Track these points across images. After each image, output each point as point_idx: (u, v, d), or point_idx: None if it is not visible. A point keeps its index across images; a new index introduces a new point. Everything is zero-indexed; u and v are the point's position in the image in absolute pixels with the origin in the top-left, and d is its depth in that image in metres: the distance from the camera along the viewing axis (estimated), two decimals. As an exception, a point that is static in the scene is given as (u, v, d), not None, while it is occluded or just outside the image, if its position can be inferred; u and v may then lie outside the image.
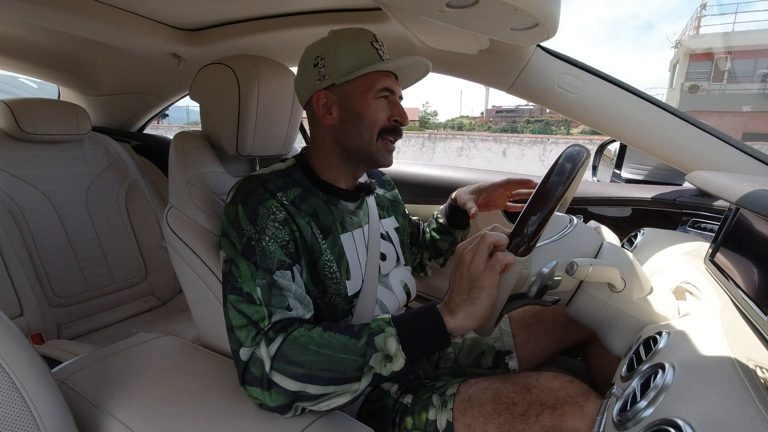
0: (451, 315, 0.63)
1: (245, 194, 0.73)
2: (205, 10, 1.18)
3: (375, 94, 0.78)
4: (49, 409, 0.56)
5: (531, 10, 0.59)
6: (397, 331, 0.63)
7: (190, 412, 0.65)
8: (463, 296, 0.63)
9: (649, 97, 1.08)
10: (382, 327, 0.64)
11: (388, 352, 0.62)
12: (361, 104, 0.78)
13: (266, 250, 0.69)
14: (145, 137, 1.96)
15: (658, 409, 0.48)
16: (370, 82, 0.78)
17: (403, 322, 0.64)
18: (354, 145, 0.81)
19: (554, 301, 0.71)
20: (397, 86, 0.82)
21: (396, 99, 0.82)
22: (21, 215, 1.38)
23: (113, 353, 0.80)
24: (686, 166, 1.09)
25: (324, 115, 0.81)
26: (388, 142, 0.81)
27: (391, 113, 0.80)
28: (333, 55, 0.78)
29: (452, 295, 0.65)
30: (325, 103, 0.80)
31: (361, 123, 0.79)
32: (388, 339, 0.62)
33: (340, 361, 0.62)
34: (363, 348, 0.62)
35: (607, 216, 1.29)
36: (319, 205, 0.80)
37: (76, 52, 1.58)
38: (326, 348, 0.62)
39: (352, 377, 0.62)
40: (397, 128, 0.82)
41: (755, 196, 0.69)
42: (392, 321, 0.64)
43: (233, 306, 0.66)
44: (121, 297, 1.60)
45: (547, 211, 0.60)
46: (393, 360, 0.62)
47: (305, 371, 0.61)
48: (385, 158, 0.83)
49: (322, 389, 0.61)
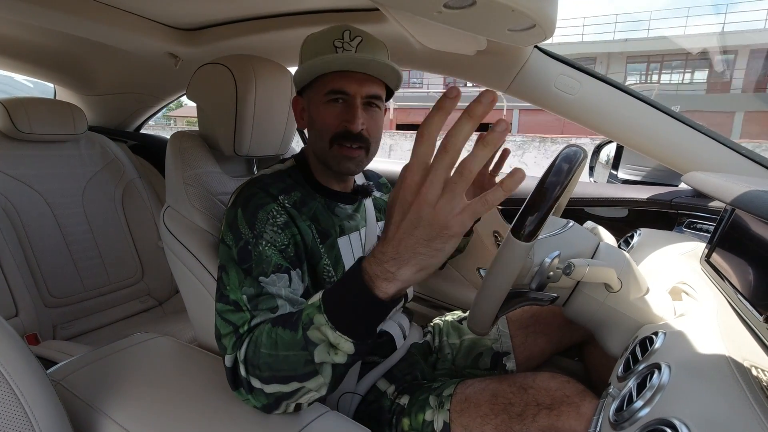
0: (388, 281, 0.47)
1: (246, 198, 0.73)
2: (202, 10, 1.18)
3: (324, 98, 0.74)
4: (45, 410, 0.55)
5: (528, 11, 0.60)
6: (327, 317, 0.51)
7: (186, 413, 0.65)
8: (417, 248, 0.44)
9: (645, 98, 1.08)
10: (312, 315, 0.53)
11: (329, 341, 0.52)
12: (314, 109, 0.77)
13: (263, 255, 0.68)
14: (141, 137, 1.96)
15: (654, 409, 0.48)
16: (323, 86, 0.75)
17: (332, 303, 0.52)
18: (316, 152, 0.80)
19: (552, 300, 0.71)
20: (358, 86, 0.73)
21: (353, 101, 0.74)
22: (16, 215, 1.37)
23: (109, 354, 0.79)
24: (682, 167, 1.09)
25: (300, 120, 0.82)
26: (345, 148, 0.75)
27: (343, 117, 0.74)
28: (301, 59, 0.78)
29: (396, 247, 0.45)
30: (301, 109, 0.82)
31: (315, 128, 0.78)
32: (322, 328, 0.52)
33: (286, 360, 0.55)
34: (301, 341, 0.54)
35: (604, 217, 1.29)
36: (318, 209, 0.79)
37: (72, 52, 1.57)
38: (273, 347, 0.57)
39: (307, 372, 0.55)
40: (351, 134, 0.74)
41: (750, 196, 0.69)
42: (322, 305, 0.53)
43: (220, 315, 0.66)
44: (118, 297, 1.60)
45: (545, 211, 0.60)
46: (338, 347, 0.52)
47: (267, 373, 0.57)
48: (341, 166, 0.76)
49: (288, 387, 0.57)
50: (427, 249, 0.44)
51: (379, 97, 0.77)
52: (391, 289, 0.48)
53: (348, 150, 0.75)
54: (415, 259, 0.45)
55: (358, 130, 0.74)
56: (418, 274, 0.47)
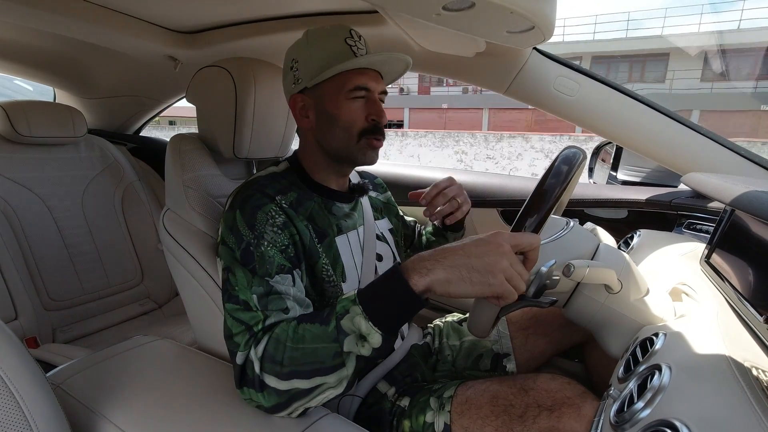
0: (421, 275, 0.56)
1: (243, 200, 0.73)
2: (201, 13, 1.18)
3: (348, 94, 0.76)
4: (44, 414, 0.55)
5: (527, 13, 0.60)
6: (362, 308, 0.57)
7: (186, 416, 0.64)
8: (460, 266, 0.55)
9: (645, 99, 1.09)
10: (347, 307, 0.59)
11: (360, 332, 0.57)
12: (334, 106, 0.77)
13: (265, 255, 0.68)
14: (141, 140, 1.96)
15: (655, 410, 0.48)
16: (341, 83, 0.76)
17: (367, 296, 0.59)
18: (333, 147, 0.80)
19: (551, 303, 0.71)
20: (376, 83, 0.79)
21: (373, 96, 0.79)
22: (16, 218, 1.37)
23: (109, 357, 0.79)
24: (681, 168, 1.09)
25: (302, 118, 0.81)
26: (372, 140, 0.79)
27: (368, 112, 0.78)
28: (305, 57, 0.78)
29: (446, 254, 0.57)
30: (302, 106, 0.80)
31: (337, 125, 0.78)
32: (356, 318, 0.57)
33: (315, 352, 0.58)
34: (334, 333, 0.58)
35: (604, 218, 1.29)
36: (314, 209, 0.80)
37: (72, 55, 1.57)
38: (300, 341, 0.59)
39: (333, 365, 0.58)
40: (377, 127, 0.79)
41: (749, 197, 0.70)
42: (357, 298, 0.59)
43: (230, 315, 0.66)
44: (117, 300, 1.59)
45: (544, 213, 0.61)
46: (368, 338, 0.57)
47: (288, 368, 0.59)
48: (368, 156, 0.80)
49: (309, 383, 0.59)
50: (466, 273, 0.55)
51: (385, 93, 0.83)
52: (421, 283, 0.55)
53: (375, 142, 0.80)
54: (452, 270, 0.55)
55: (385, 122, 0.80)
56: (446, 284, 0.55)
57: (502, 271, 0.55)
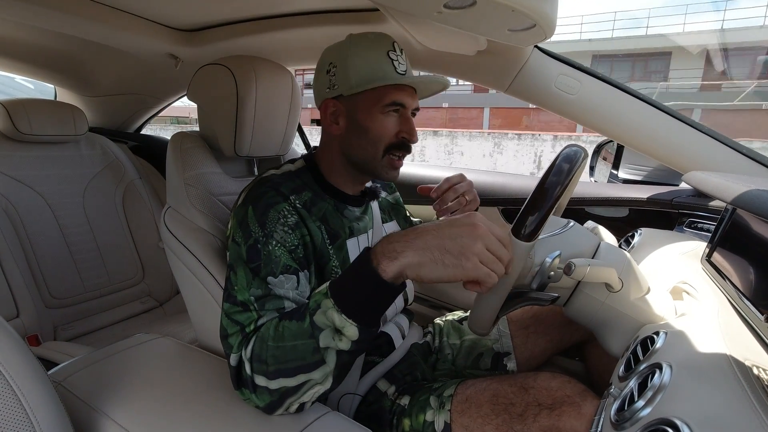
0: (390, 260, 0.53)
1: (256, 196, 0.72)
2: (202, 11, 1.18)
3: (383, 108, 0.75)
4: (46, 412, 0.55)
5: (528, 11, 0.60)
6: (334, 302, 0.55)
7: (187, 414, 0.65)
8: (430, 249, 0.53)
9: (646, 97, 1.08)
10: (319, 301, 0.57)
11: (335, 325, 0.56)
12: (367, 118, 0.76)
13: (272, 254, 0.68)
14: (142, 138, 1.96)
15: (656, 409, 0.48)
16: (379, 96, 0.75)
17: (338, 288, 0.57)
18: (358, 158, 0.79)
19: (553, 300, 0.71)
20: (411, 99, 0.78)
21: (407, 114, 0.78)
22: (17, 216, 1.38)
23: (110, 355, 0.79)
24: (683, 167, 1.09)
25: (331, 124, 0.79)
26: (394, 159, 0.78)
27: (400, 129, 0.77)
28: (344, 64, 0.75)
29: (418, 235, 0.54)
30: (333, 112, 0.78)
31: (366, 137, 0.77)
32: (328, 312, 0.56)
33: (294, 349, 0.58)
34: (309, 328, 0.57)
35: (605, 216, 1.29)
36: (328, 210, 0.79)
37: (72, 53, 1.57)
38: (280, 339, 0.59)
39: (314, 361, 0.57)
40: (405, 144, 0.78)
41: (751, 196, 0.69)
42: (329, 290, 0.57)
43: (227, 315, 0.66)
44: (118, 298, 1.60)
45: (545, 212, 0.60)
46: (344, 331, 0.55)
47: (273, 367, 0.59)
48: (389, 174, 0.80)
49: (294, 380, 0.58)
50: (438, 255, 0.52)
51: (418, 109, 0.82)
52: (390, 268, 0.53)
53: (396, 161, 0.79)
54: (423, 253, 0.53)
55: (417, 141, 0.80)
56: (417, 267, 0.53)
57: (477, 254, 0.52)
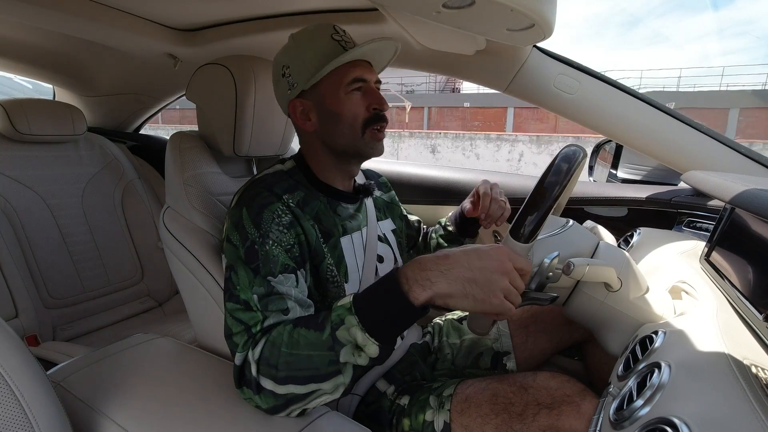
0: (423, 288, 0.55)
1: (250, 197, 0.72)
2: (201, 10, 1.17)
3: (346, 88, 0.76)
4: (45, 412, 0.55)
5: (527, 10, 0.60)
6: (359, 319, 0.56)
7: (187, 414, 0.65)
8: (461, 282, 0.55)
9: (645, 97, 1.08)
10: (343, 317, 0.57)
11: (357, 343, 0.56)
12: (335, 103, 0.77)
13: (269, 254, 0.68)
14: (141, 138, 1.96)
15: (655, 408, 0.48)
16: (338, 78, 0.76)
17: (364, 306, 0.57)
18: (341, 145, 0.79)
19: (552, 300, 0.71)
20: (370, 73, 0.79)
21: (370, 86, 0.79)
22: (16, 216, 1.37)
23: (109, 355, 0.79)
24: (681, 166, 1.09)
25: (304, 122, 0.80)
26: (375, 132, 0.79)
27: (369, 102, 0.77)
28: (296, 61, 0.77)
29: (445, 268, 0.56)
30: (302, 111, 0.79)
31: (341, 122, 0.77)
32: (352, 329, 0.56)
33: (310, 359, 0.58)
34: (328, 341, 0.57)
35: (604, 216, 1.29)
36: (320, 208, 0.79)
37: (71, 53, 1.57)
38: (295, 347, 0.58)
39: (329, 372, 0.58)
40: (379, 115, 0.78)
41: (749, 195, 0.69)
42: (353, 307, 0.57)
43: (230, 314, 0.66)
44: (117, 298, 1.59)
45: (544, 211, 0.60)
46: (364, 349, 0.56)
47: (283, 373, 0.58)
48: (375, 149, 0.80)
49: (304, 388, 0.58)
50: (469, 288, 0.55)
51: (380, 81, 0.83)
52: (422, 296, 0.55)
53: (378, 133, 0.79)
54: (455, 284, 0.55)
55: (388, 108, 0.79)
56: (447, 297, 0.55)
57: (503, 290, 0.55)
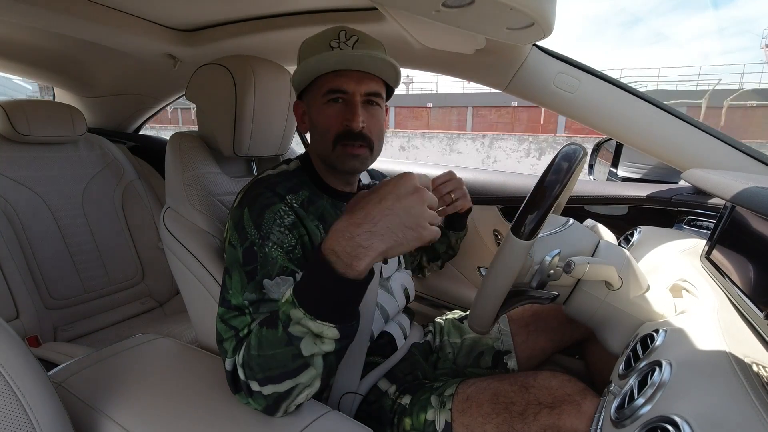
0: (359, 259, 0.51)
1: (252, 198, 0.72)
2: (200, 11, 1.17)
3: (323, 98, 0.74)
4: (46, 412, 0.55)
5: (527, 9, 0.60)
6: (305, 311, 0.53)
7: (188, 414, 0.65)
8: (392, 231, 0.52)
9: (645, 95, 1.08)
10: (288, 312, 0.55)
11: (312, 332, 0.54)
12: (314, 112, 0.77)
13: (268, 257, 0.67)
14: (141, 138, 1.96)
15: (656, 407, 0.48)
16: (319, 87, 0.74)
17: (307, 297, 0.54)
18: (319, 154, 0.80)
19: (553, 298, 0.71)
20: (356, 83, 0.73)
21: (354, 99, 0.73)
22: (16, 217, 1.37)
23: (110, 355, 0.79)
24: (682, 164, 1.09)
25: (301, 124, 0.82)
26: (348, 147, 0.74)
27: (344, 117, 0.73)
28: (299, 63, 0.77)
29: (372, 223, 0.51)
30: (302, 112, 0.81)
31: (317, 131, 0.77)
32: (302, 321, 0.54)
33: (274, 358, 0.56)
34: (284, 338, 0.55)
35: (604, 214, 1.29)
36: (326, 208, 0.79)
37: (71, 54, 1.57)
38: (261, 348, 0.57)
39: (297, 367, 0.56)
40: (352, 133, 0.73)
41: (750, 193, 0.69)
42: (295, 300, 0.54)
43: (221, 319, 0.65)
44: (118, 299, 1.60)
45: (544, 210, 0.61)
46: (323, 335, 0.54)
47: (260, 374, 0.58)
48: (346, 164, 0.76)
49: (282, 386, 0.58)
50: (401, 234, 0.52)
51: (379, 95, 0.77)
52: (362, 265, 0.52)
53: (351, 148, 0.75)
54: (387, 236, 0.52)
55: (359, 128, 0.73)
56: (384, 253, 0.52)
57: (428, 218, 0.54)
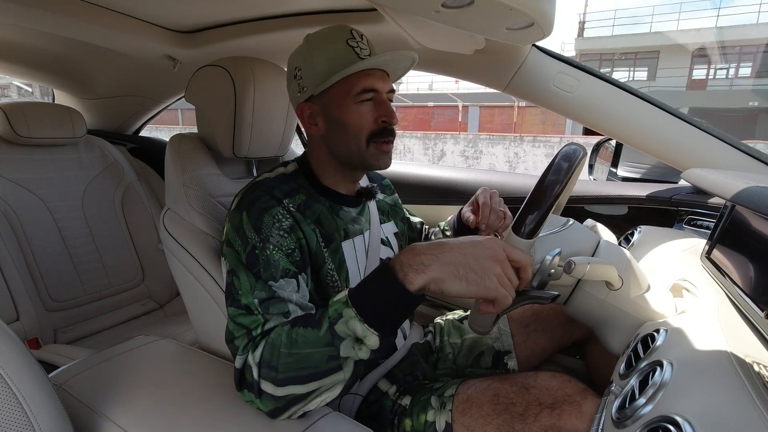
0: (417, 273, 0.54)
1: (250, 201, 0.72)
2: (200, 12, 1.18)
3: (355, 98, 0.74)
4: (47, 414, 0.55)
5: (526, 9, 0.60)
6: (356, 311, 0.55)
7: (188, 416, 0.64)
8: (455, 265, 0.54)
9: (644, 95, 1.08)
10: (340, 311, 0.57)
11: (356, 335, 0.56)
12: (343, 112, 0.75)
13: (270, 259, 0.67)
14: (140, 140, 1.96)
15: (657, 406, 0.48)
16: (348, 87, 0.74)
17: (360, 297, 0.57)
18: (344, 154, 0.78)
19: (553, 298, 0.71)
20: (383, 82, 0.76)
21: (382, 97, 0.76)
22: (16, 219, 1.37)
23: (110, 357, 0.79)
24: (682, 164, 1.09)
25: (311, 126, 0.79)
26: (381, 144, 0.77)
27: (378, 114, 0.75)
28: (307, 65, 0.75)
29: (438, 252, 0.55)
30: (310, 114, 0.78)
31: (346, 132, 0.76)
32: (350, 322, 0.56)
33: (309, 357, 0.57)
34: (327, 336, 0.56)
35: (604, 214, 1.29)
36: (322, 212, 0.79)
37: (70, 55, 1.57)
38: (294, 347, 0.58)
39: (329, 368, 0.57)
40: (387, 129, 0.77)
41: (750, 192, 0.69)
42: (350, 300, 0.57)
43: (232, 319, 0.66)
44: (118, 300, 1.60)
45: (544, 210, 0.60)
46: (365, 340, 0.56)
47: (283, 375, 0.58)
48: (380, 161, 0.79)
49: (305, 387, 0.58)
50: (463, 272, 0.54)
51: (394, 91, 0.80)
52: (417, 281, 0.54)
53: (384, 145, 0.77)
54: (449, 268, 0.54)
55: (397, 122, 0.78)
56: (441, 282, 0.54)
57: (497, 275, 0.54)
